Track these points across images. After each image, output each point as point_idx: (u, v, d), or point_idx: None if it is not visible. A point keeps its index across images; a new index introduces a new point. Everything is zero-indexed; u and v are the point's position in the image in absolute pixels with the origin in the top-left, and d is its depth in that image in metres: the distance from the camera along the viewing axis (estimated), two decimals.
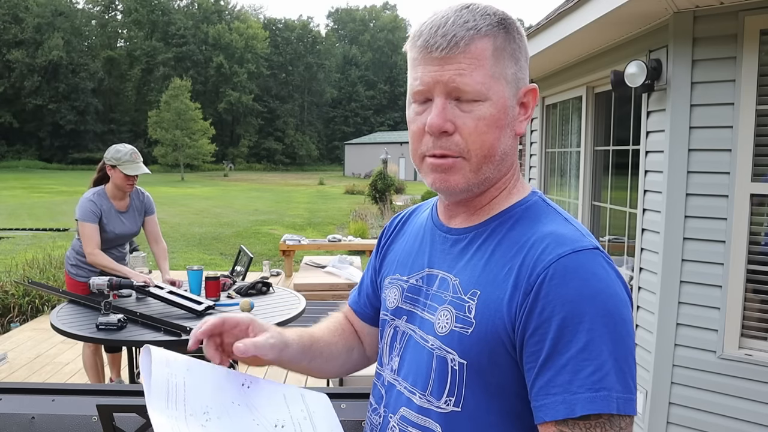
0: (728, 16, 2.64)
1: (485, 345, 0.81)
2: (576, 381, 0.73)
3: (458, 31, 0.81)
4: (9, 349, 4.76)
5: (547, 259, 0.78)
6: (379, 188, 16.99)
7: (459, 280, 0.87)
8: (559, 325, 0.74)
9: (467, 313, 0.83)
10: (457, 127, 0.83)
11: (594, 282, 0.76)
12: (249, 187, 33.00)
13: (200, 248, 11.95)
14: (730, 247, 2.72)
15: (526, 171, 5.73)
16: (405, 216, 1.11)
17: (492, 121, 0.83)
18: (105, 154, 3.44)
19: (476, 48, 0.81)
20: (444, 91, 0.82)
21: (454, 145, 0.83)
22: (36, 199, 22.16)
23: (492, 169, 0.86)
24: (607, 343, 0.73)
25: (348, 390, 1.41)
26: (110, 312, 2.74)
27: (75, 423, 1.29)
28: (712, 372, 2.77)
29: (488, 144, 0.83)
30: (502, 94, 0.83)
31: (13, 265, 6.95)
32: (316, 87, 73.37)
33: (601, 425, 0.73)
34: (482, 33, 0.81)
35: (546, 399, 0.75)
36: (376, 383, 1.00)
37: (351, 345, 1.13)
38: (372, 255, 1.14)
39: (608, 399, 0.72)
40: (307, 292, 4.26)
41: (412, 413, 0.88)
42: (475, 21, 0.81)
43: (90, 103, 58.00)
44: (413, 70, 0.85)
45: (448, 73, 0.81)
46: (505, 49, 0.83)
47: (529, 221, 0.86)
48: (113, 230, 3.43)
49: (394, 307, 0.98)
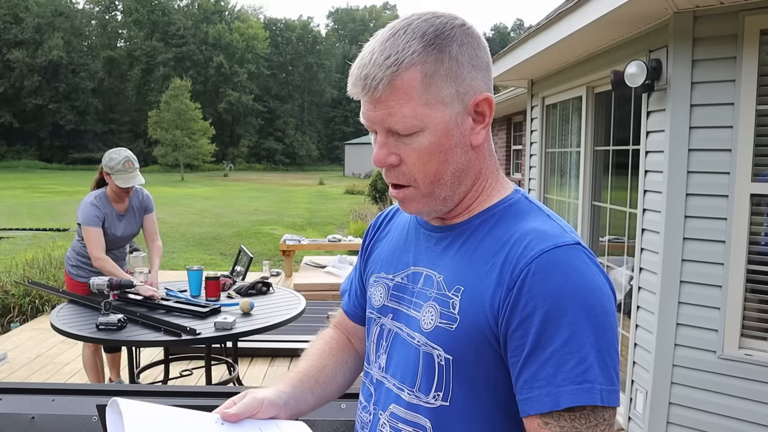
0: (728, 16, 2.64)
1: (470, 340, 0.82)
2: (560, 374, 0.74)
3: (377, 72, 0.80)
4: (9, 349, 4.76)
5: (529, 255, 0.79)
6: (379, 188, 16.98)
7: (443, 277, 0.88)
8: (542, 320, 0.76)
9: (451, 309, 0.84)
10: (401, 158, 0.85)
11: (576, 276, 0.78)
12: (249, 187, 32.99)
13: (200, 248, 11.95)
14: (730, 247, 2.72)
15: (526, 171, 5.73)
16: (389, 214, 1.11)
17: (433, 149, 0.83)
18: (102, 158, 3.42)
19: (401, 83, 0.80)
20: (381, 128, 0.84)
21: (402, 174, 0.86)
22: (36, 199, 22.16)
23: (447, 189, 0.87)
24: (590, 336, 0.75)
25: (348, 390, 1.41)
26: (110, 312, 2.74)
27: (75, 423, 1.29)
28: (712, 372, 2.77)
29: (432, 171, 0.85)
30: (440, 120, 0.82)
31: (13, 265, 6.94)
32: (316, 87, 73.35)
33: (585, 416, 0.74)
34: (404, 66, 0.79)
35: (531, 392, 0.76)
36: (365, 381, 1.02)
37: (343, 359, 1.12)
38: (359, 255, 1.14)
39: (592, 391, 0.74)
40: (307, 292, 4.26)
41: (402, 409, 0.89)
42: (398, 54, 0.79)
43: (90, 103, 57.93)
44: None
45: (379, 113, 0.82)
46: (436, 73, 0.81)
47: (512, 219, 0.87)
48: (115, 233, 3.43)
49: (380, 305, 0.99)
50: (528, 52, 4.26)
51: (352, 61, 0.85)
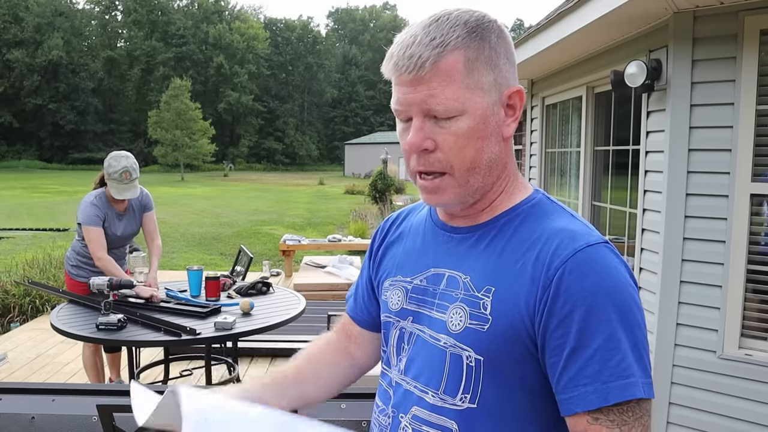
0: (728, 16, 2.64)
1: (503, 340, 0.82)
2: (606, 370, 0.76)
3: (424, 51, 0.81)
4: (9, 349, 4.76)
5: (563, 254, 0.80)
6: (379, 188, 16.99)
7: (470, 278, 0.88)
8: (582, 318, 0.77)
9: (482, 309, 0.84)
10: (437, 144, 0.84)
11: (611, 274, 0.80)
12: (249, 187, 33.00)
13: (200, 248, 11.95)
14: (730, 247, 2.72)
15: (526, 171, 5.73)
16: (398, 218, 1.10)
17: (471, 134, 0.83)
18: (106, 158, 3.43)
19: (445, 65, 0.81)
20: (419, 111, 0.84)
21: (437, 161, 0.85)
22: (36, 199, 22.16)
23: (480, 179, 0.87)
24: (627, 333, 0.77)
25: (348, 390, 1.41)
26: (110, 312, 2.74)
27: (75, 423, 1.29)
28: (712, 372, 2.77)
29: (470, 157, 0.84)
30: (479, 105, 0.83)
31: (13, 265, 6.94)
32: (316, 87, 73.31)
33: (631, 409, 0.77)
34: (450, 48, 0.81)
35: (576, 390, 0.77)
36: (382, 384, 1.01)
37: (332, 362, 1.12)
38: (365, 260, 1.13)
39: (636, 385, 0.76)
40: (307, 292, 4.26)
41: (425, 412, 0.89)
42: (443, 36, 0.81)
43: (90, 103, 57.95)
44: (393, 89, 0.87)
45: (420, 94, 0.82)
46: (478, 59, 0.83)
47: (538, 218, 0.88)
48: (114, 233, 3.44)
49: (398, 309, 0.98)
50: (528, 52, 4.26)
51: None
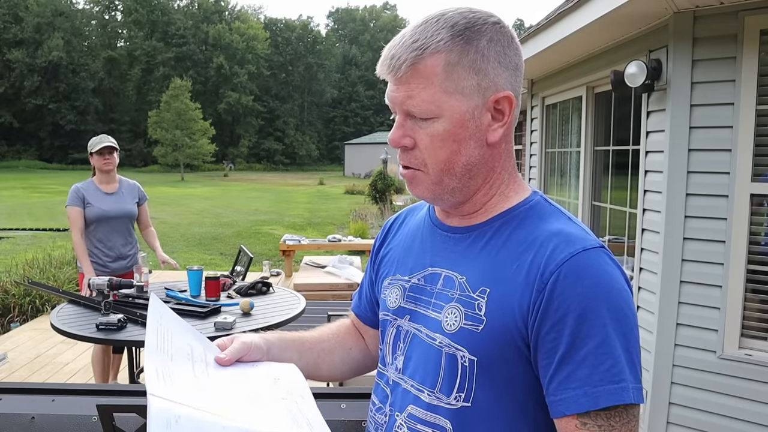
0: (728, 16, 2.64)
1: (496, 342, 0.83)
2: (596, 374, 0.76)
3: (403, 53, 0.83)
4: (9, 349, 4.76)
5: (559, 258, 0.80)
6: (379, 188, 16.98)
7: (466, 278, 0.88)
8: (575, 322, 0.77)
9: (477, 310, 0.85)
10: (416, 142, 0.87)
11: (606, 279, 0.80)
12: (249, 187, 32.99)
13: (200, 248, 11.95)
14: (730, 247, 2.72)
15: (526, 171, 5.73)
16: (400, 217, 1.12)
17: (446, 137, 0.85)
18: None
19: (424, 67, 0.82)
20: (401, 109, 0.87)
21: (414, 158, 0.88)
22: (36, 199, 22.15)
23: (456, 180, 0.88)
24: (620, 338, 0.78)
25: (348, 390, 1.41)
26: (110, 312, 2.74)
27: (75, 423, 1.28)
28: (712, 372, 2.77)
29: (443, 158, 0.86)
30: (457, 109, 0.84)
31: (13, 265, 6.94)
32: (316, 87, 73.27)
33: (619, 414, 0.77)
34: (429, 51, 0.82)
35: (566, 393, 0.78)
36: (379, 383, 1.01)
37: (347, 344, 1.15)
38: (369, 259, 1.15)
39: (626, 390, 0.77)
40: (307, 292, 4.26)
41: (421, 410, 0.89)
42: (425, 39, 0.82)
43: (90, 103, 57.92)
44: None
45: (400, 94, 0.85)
46: (459, 63, 0.83)
47: (535, 220, 0.88)
48: (101, 206, 3.60)
49: (396, 307, 0.98)
50: (528, 52, 4.26)
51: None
